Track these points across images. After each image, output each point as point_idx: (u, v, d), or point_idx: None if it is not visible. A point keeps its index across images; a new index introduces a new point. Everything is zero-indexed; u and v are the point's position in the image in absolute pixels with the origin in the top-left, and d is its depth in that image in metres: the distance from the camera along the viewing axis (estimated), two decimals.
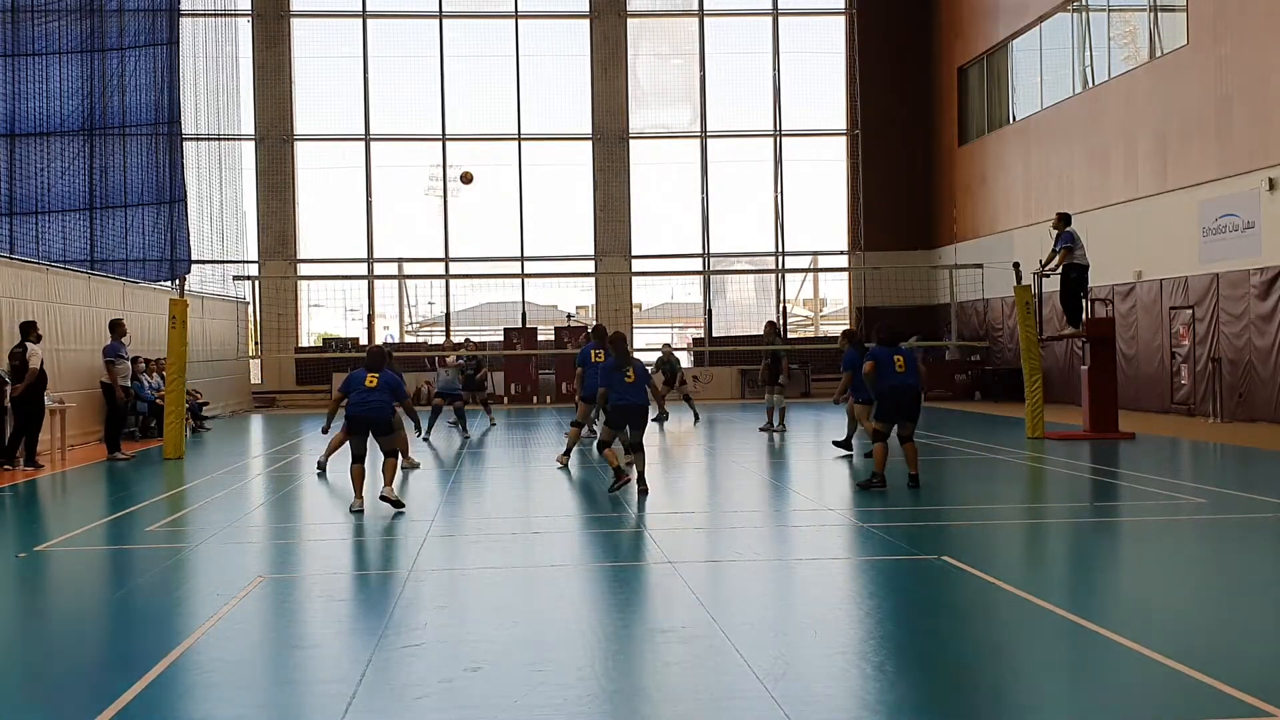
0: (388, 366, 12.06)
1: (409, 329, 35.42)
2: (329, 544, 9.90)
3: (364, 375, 11.81)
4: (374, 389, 11.62)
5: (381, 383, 11.70)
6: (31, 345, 15.38)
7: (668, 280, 35.56)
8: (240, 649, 6.46)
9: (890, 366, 12.20)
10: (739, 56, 34.60)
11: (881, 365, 12.23)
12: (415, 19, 33.68)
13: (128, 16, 27.60)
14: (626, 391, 12.45)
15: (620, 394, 12.46)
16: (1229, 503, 11.25)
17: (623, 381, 12.48)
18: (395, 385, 11.87)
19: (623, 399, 12.45)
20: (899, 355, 12.27)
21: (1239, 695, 5.20)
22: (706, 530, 10.38)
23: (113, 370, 16.96)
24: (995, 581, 7.66)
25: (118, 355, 17.04)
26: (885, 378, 12.23)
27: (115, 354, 17.04)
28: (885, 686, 5.58)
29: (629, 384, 12.45)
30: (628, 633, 6.68)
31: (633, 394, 12.45)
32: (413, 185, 34.60)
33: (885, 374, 12.22)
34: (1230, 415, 20.57)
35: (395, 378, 11.98)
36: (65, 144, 25.88)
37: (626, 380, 12.47)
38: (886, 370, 12.21)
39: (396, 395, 11.78)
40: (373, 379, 11.69)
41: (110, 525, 11.02)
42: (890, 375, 12.20)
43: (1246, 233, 20.45)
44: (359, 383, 11.76)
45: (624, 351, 12.78)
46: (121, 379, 17.04)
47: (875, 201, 34.09)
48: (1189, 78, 22.05)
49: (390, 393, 11.73)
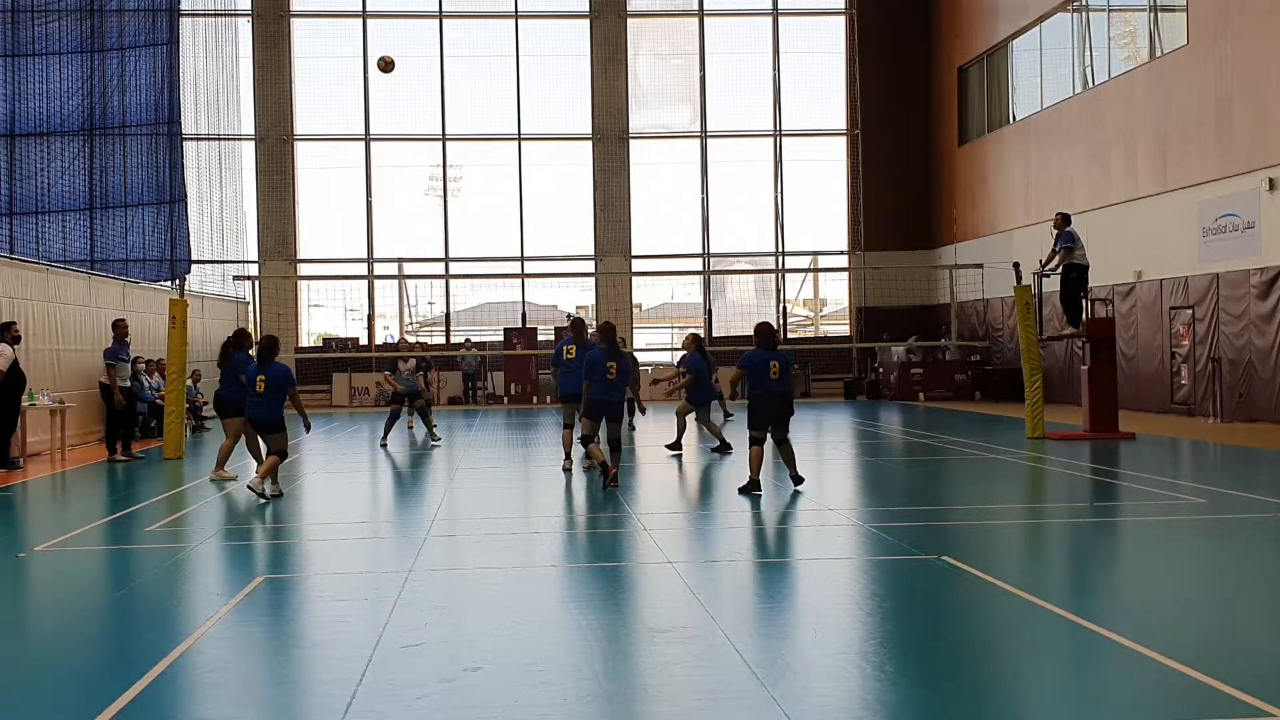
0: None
1: (409, 329, 35.40)
2: (329, 544, 9.90)
3: (256, 375, 11.95)
4: (263, 394, 11.85)
5: (270, 384, 11.82)
6: (4, 346, 15.24)
7: (668, 280, 35.57)
8: (240, 649, 6.46)
9: (765, 372, 11.90)
10: (739, 56, 34.62)
11: (755, 371, 11.93)
12: (415, 19, 33.69)
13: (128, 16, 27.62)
14: (607, 387, 12.71)
15: (599, 388, 12.73)
16: (1229, 503, 11.25)
17: (604, 377, 12.70)
18: (284, 383, 12.03)
19: (599, 394, 12.72)
20: (775, 360, 11.97)
21: (1239, 695, 5.20)
22: (706, 530, 10.37)
23: (111, 373, 16.82)
24: (995, 581, 7.66)
25: (117, 358, 16.88)
26: (759, 384, 11.97)
27: (115, 357, 16.87)
28: (885, 686, 5.58)
29: (610, 380, 12.71)
30: (628, 633, 6.67)
31: (611, 390, 12.72)
32: (413, 185, 34.62)
33: (759, 380, 11.94)
34: (1230, 415, 20.57)
35: (284, 372, 12.11)
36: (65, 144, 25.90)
37: (608, 377, 12.69)
38: (760, 376, 11.92)
39: (285, 389, 12.03)
40: (262, 382, 11.85)
41: (110, 525, 11.02)
42: (764, 382, 11.93)
43: (1246, 233, 20.45)
44: (252, 382, 11.91)
45: (613, 343, 12.90)
46: (121, 380, 16.92)
47: (875, 201, 34.09)
48: (1189, 78, 22.05)
49: (281, 391, 11.95)
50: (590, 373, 12.83)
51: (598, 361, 12.82)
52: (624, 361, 13.01)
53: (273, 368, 12.17)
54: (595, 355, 12.97)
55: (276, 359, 12.38)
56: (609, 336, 13.01)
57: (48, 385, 17.76)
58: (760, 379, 11.94)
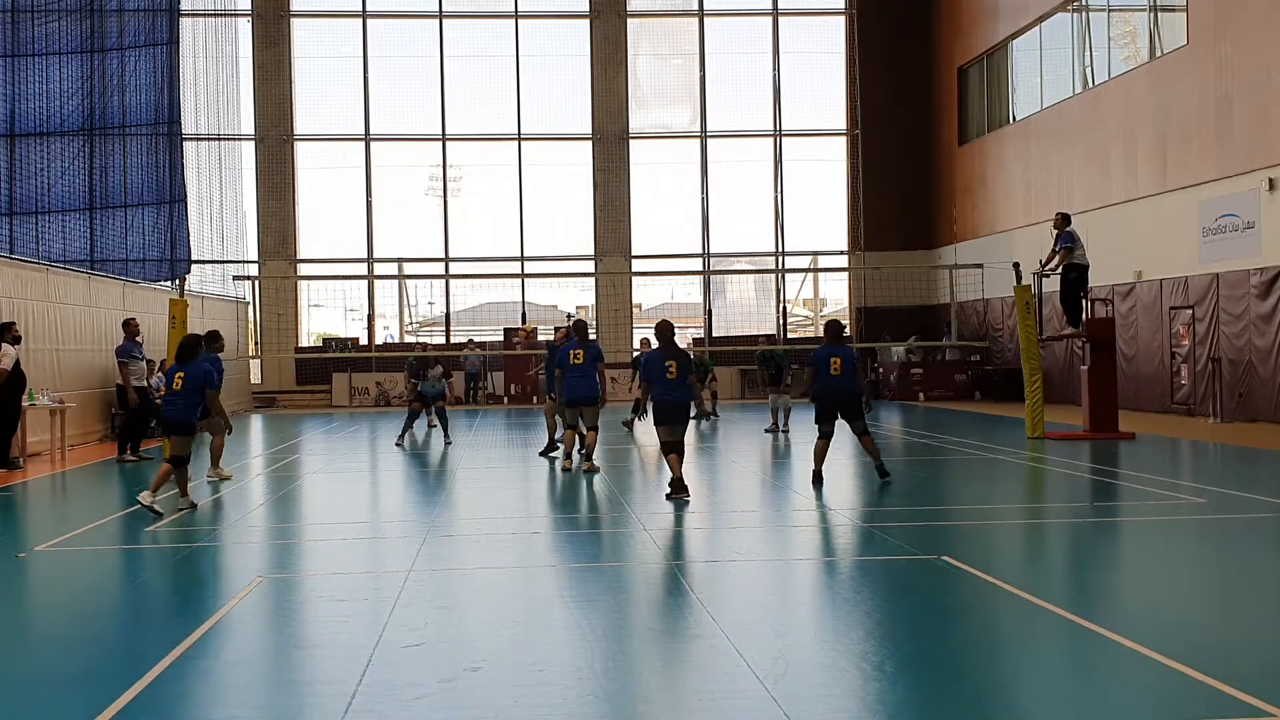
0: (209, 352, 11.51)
1: (409, 329, 35.41)
2: (329, 544, 9.90)
3: (174, 373, 11.37)
4: (179, 392, 11.25)
5: (187, 384, 11.24)
6: (6, 346, 15.27)
7: (668, 280, 35.58)
8: (240, 649, 6.46)
9: (827, 368, 12.34)
10: (739, 56, 34.62)
11: (818, 367, 12.39)
12: (415, 19, 33.69)
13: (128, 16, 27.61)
14: (668, 388, 11.86)
15: (662, 389, 11.87)
16: (1229, 503, 11.25)
17: (664, 376, 11.87)
18: (201, 384, 11.30)
19: (664, 394, 11.88)
20: (836, 356, 12.37)
21: (1239, 695, 5.20)
22: (706, 530, 10.37)
23: (125, 372, 16.77)
24: (995, 581, 7.66)
25: (130, 356, 16.83)
26: (820, 379, 12.43)
27: (127, 354, 16.83)
28: (885, 686, 5.58)
29: (669, 380, 11.86)
30: (628, 633, 6.67)
31: (673, 390, 11.86)
32: (413, 185, 34.62)
33: (820, 375, 12.42)
34: (1230, 415, 20.57)
35: (204, 372, 11.36)
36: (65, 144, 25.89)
37: (668, 376, 11.86)
38: (822, 372, 12.39)
39: (203, 391, 11.31)
40: (179, 380, 11.26)
41: (110, 525, 11.01)
42: (825, 377, 12.38)
43: (1246, 233, 20.45)
44: (170, 381, 11.39)
45: (669, 342, 12.14)
46: (135, 379, 16.86)
47: (875, 201, 34.09)
48: (1189, 78, 22.04)
49: (197, 394, 11.28)
50: (648, 373, 11.99)
51: (656, 361, 12.02)
52: (683, 358, 12.13)
53: (192, 366, 11.35)
54: (656, 354, 12.14)
55: (198, 359, 11.48)
56: (665, 335, 12.21)
57: (48, 385, 17.76)
58: (822, 374, 12.47)
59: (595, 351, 14.60)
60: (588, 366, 14.40)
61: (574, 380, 14.44)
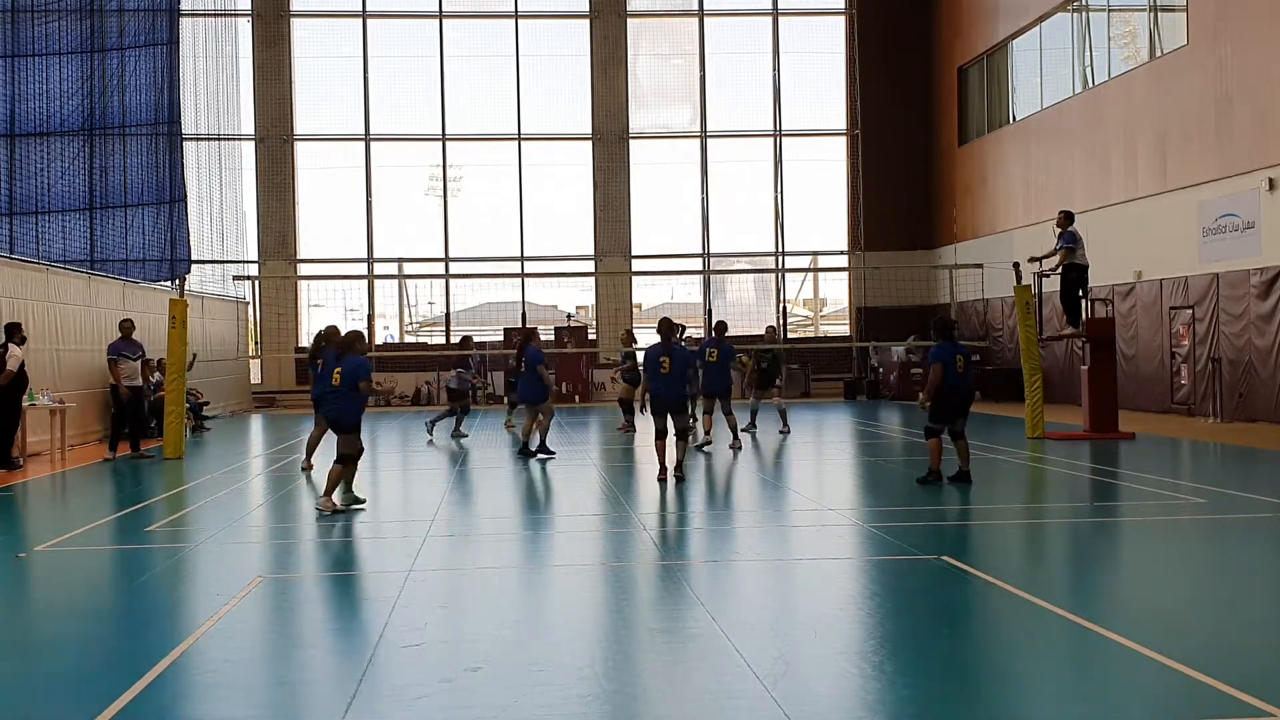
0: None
1: (409, 329, 35.41)
2: (329, 544, 9.90)
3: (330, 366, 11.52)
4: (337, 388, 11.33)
5: (344, 380, 11.18)
6: (13, 347, 15.30)
7: (668, 280, 35.56)
8: (240, 649, 6.45)
9: (953, 366, 12.47)
10: (739, 56, 34.60)
11: (945, 366, 12.47)
12: (415, 19, 33.68)
13: (128, 16, 27.60)
14: (661, 383, 13.14)
15: (656, 384, 13.19)
16: (1229, 503, 11.25)
17: (659, 371, 13.13)
18: (356, 377, 11.15)
19: (656, 389, 13.20)
20: (960, 355, 12.56)
21: (1239, 695, 5.20)
22: (706, 530, 10.37)
23: (114, 370, 16.98)
24: (995, 581, 7.66)
25: (120, 354, 17.05)
26: (948, 378, 12.46)
27: (117, 353, 17.07)
28: (885, 686, 5.58)
29: (664, 375, 13.11)
30: (628, 633, 6.68)
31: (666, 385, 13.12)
32: (413, 185, 34.61)
33: (948, 374, 12.45)
34: (1230, 415, 20.57)
35: (359, 364, 11.20)
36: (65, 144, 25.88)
37: (662, 371, 13.11)
38: (950, 370, 12.47)
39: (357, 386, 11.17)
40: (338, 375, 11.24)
41: (110, 525, 11.02)
42: (952, 375, 12.46)
43: (1246, 233, 20.45)
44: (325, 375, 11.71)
45: (666, 338, 13.36)
46: (127, 379, 17.03)
47: (875, 201, 34.09)
48: (1189, 78, 22.04)
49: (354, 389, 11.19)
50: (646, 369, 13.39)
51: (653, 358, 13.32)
52: (679, 354, 13.40)
53: (346, 361, 11.07)
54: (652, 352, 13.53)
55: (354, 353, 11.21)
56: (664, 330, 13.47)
57: (48, 385, 17.76)
58: (949, 372, 12.47)
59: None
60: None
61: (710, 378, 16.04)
